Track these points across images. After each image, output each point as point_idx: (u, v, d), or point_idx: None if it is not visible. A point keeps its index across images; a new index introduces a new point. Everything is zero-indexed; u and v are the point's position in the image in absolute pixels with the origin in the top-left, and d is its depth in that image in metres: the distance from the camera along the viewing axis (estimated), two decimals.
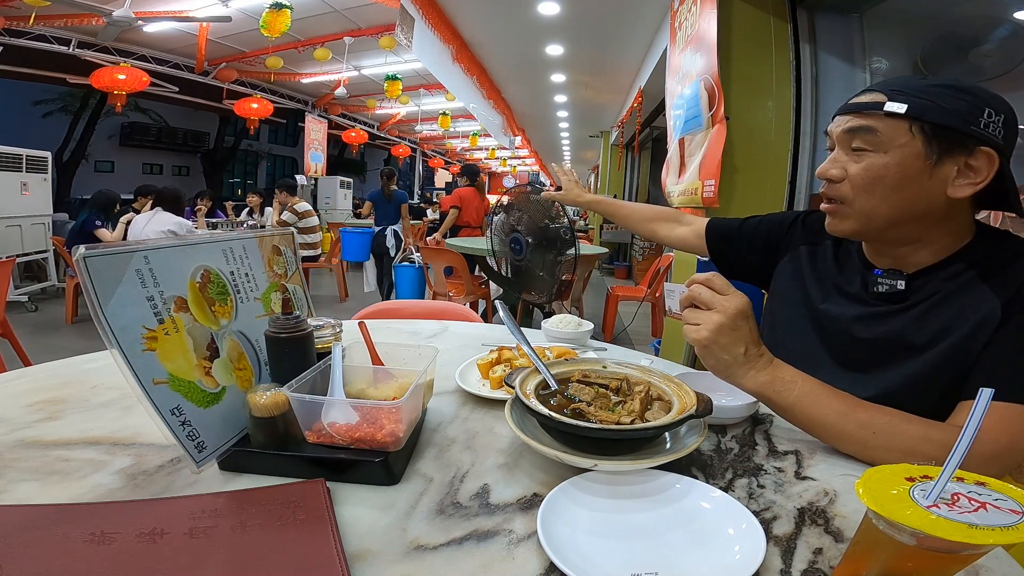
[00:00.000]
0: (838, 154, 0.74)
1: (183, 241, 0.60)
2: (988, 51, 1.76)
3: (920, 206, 0.70)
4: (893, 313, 0.75)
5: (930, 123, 0.66)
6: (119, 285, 0.51)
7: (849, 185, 0.72)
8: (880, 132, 0.68)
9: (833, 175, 0.73)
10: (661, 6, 3.68)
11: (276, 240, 0.77)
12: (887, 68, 2.19)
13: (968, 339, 0.67)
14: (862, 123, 0.70)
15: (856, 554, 0.40)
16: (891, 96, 0.68)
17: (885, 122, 0.68)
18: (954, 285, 0.71)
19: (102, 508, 0.50)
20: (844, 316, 0.79)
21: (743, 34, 2.27)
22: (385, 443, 0.56)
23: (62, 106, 14.95)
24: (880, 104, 0.68)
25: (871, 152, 0.70)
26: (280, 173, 20.47)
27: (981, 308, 0.67)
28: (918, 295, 0.74)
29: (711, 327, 0.63)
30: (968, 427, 0.37)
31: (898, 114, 0.67)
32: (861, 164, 0.71)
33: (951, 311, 0.69)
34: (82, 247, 0.48)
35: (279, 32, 4.65)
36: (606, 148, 9.57)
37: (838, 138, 0.74)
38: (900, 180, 0.68)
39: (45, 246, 5.34)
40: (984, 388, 0.38)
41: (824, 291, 0.85)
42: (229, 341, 0.63)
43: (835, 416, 0.63)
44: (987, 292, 0.67)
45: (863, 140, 0.70)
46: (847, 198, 0.73)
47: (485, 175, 21.21)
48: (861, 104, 0.71)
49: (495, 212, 2.90)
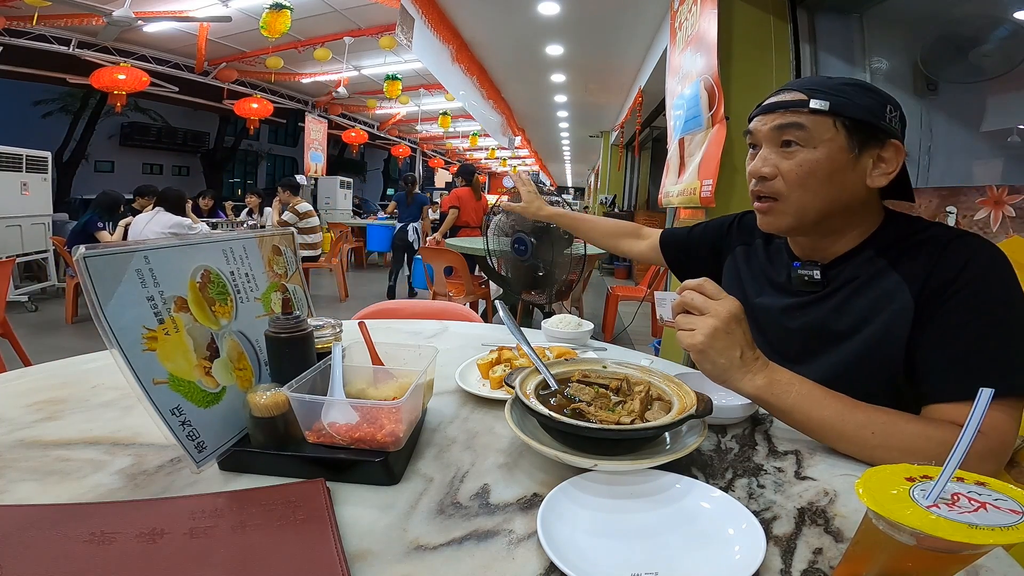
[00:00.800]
0: (766, 152, 0.76)
1: (183, 241, 0.60)
2: (988, 51, 1.76)
3: (845, 197, 0.74)
4: (814, 302, 0.79)
5: (850, 118, 0.71)
6: (119, 285, 0.51)
7: (782, 181, 0.75)
8: (808, 128, 0.72)
9: (765, 172, 0.75)
10: (661, 6, 3.68)
11: (276, 240, 0.77)
12: (887, 68, 2.19)
13: (886, 328, 0.70)
14: (791, 119, 0.73)
15: (856, 554, 0.40)
16: (811, 94, 0.72)
17: (811, 118, 0.72)
18: (869, 272, 0.75)
19: (102, 508, 0.50)
20: (775, 307, 0.84)
21: (743, 34, 2.27)
22: (385, 443, 0.56)
23: (62, 106, 14.97)
24: (804, 102, 0.72)
25: (801, 147, 0.73)
26: (280, 173, 20.50)
27: (895, 297, 0.70)
28: (835, 283, 0.78)
29: (706, 332, 0.64)
30: (968, 427, 0.37)
31: (822, 111, 0.71)
32: (793, 160, 0.73)
33: (867, 300, 0.73)
34: (82, 247, 0.47)
35: (279, 33, 4.65)
36: (606, 148, 9.57)
37: (765, 136, 0.76)
38: (829, 173, 0.72)
39: (45, 246, 5.34)
40: (984, 388, 0.38)
41: (758, 286, 0.90)
42: (229, 341, 0.63)
43: (833, 417, 0.63)
44: (898, 281, 0.71)
45: (793, 135, 0.73)
46: (781, 194, 0.75)
47: (485, 175, 21.27)
48: (785, 102, 0.74)
49: (494, 212, 2.90)
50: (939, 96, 1.99)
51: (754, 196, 0.80)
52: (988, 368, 0.62)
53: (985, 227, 1.30)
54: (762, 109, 0.78)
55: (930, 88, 2.00)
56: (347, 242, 6.91)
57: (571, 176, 23.54)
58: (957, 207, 1.37)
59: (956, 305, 0.65)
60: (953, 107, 1.95)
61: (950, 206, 1.39)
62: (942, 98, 1.98)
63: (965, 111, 1.89)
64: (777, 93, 0.77)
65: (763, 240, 0.93)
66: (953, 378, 0.64)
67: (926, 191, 1.50)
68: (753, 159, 0.79)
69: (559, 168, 20.99)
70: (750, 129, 0.80)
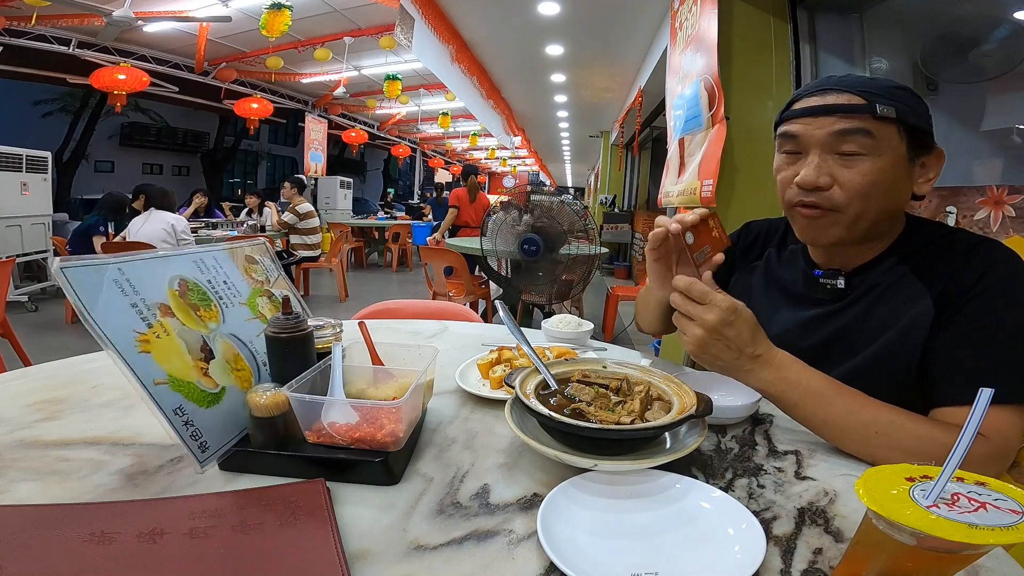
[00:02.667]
0: (819, 160, 0.69)
1: (153, 254, 0.60)
2: (988, 51, 1.76)
3: (895, 207, 0.72)
4: (837, 311, 0.77)
5: (912, 126, 0.68)
6: (100, 293, 0.51)
7: (842, 192, 0.69)
8: (875, 135, 0.67)
9: (823, 183, 0.69)
10: (661, 6, 3.68)
11: (248, 250, 0.76)
12: (887, 68, 2.19)
13: (905, 334, 0.69)
14: (856, 125, 0.67)
15: (856, 554, 0.40)
16: (872, 98, 0.67)
17: (877, 125, 0.67)
18: (890, 279, 0.73)
19: (102, 508, 0.50)
20: (794, 327, 0.80)
21: (743, 34, 2.27)
22: (385, 443, 0.56)
23: (62, 106, 14.97)
24: (866, 106, 0.67)
25: (865, 156, 0.67)
26: (280, 173, 20.52)
27: (916, 303, 0.69)
28: (858, 291, 0.75)
29: (694, 341, 0.64)
30: (968, 427, 0.37)
31: (889, 117, 0.66)
32: (855, 169, 0.68)
33: (888, 307, 0.71)
34: (57, 259, 0.49)
35: (279, 33, 4.65)
36: (606, 148, 9.57)
37: (820, 142, 0.69)
38: (892, 183, 0.69)
39: (45, 246, 5.34)
40: (984, 388, 0.38)
41: (773, 306, 0.85)
42: (223, 343, 0.63)
43: (839, 415, 0.63)
44: (919, 287, 0.69)
45: (859, 143, 0.67)
46: (840, 205, 0.69)
47: (485, 175, 21.25)
48: (844, 106, 0.68)
49: (494, 211, 2.90)
50: (939, 96, 1.99)
51: (796, 205, 0.73)
52: (999, 372, 0.62)
53: (985, 227, 1.30)
54: (810, 111, 0.70)
55: (930, 88, 2.00)
56: (347, 242, 6.91)
57: (571, 176, 23.55)
58: (957, 207, 1.37)
59: (973, 309, 0.65)
60: (953, 107, 1.94)
61: (950, 206, 1.39)
62: (942, 98, 1.98)
63: (965, 111, 1.89)
64: (820, 93, 0.70)
65: (777, 246, 0.90)
66: (964, 381, 0.63)
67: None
68: (791, 164, 0.73)
69: (559, 168, 20.99)
70: (793, 133, 0.72)
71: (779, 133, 0.76)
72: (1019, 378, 0.61)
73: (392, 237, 8.13)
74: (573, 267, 2.74)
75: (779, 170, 0.76)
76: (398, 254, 8.03)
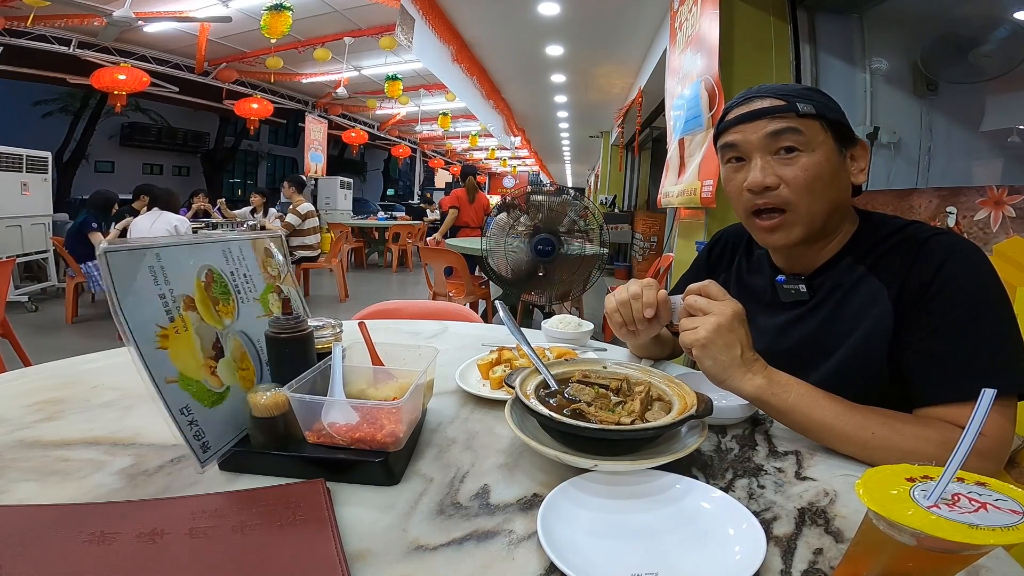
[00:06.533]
0: (762, 162, 0.73)
1: (189, 239, 0.61)
2: (988, 51, 1.76)
3: (842, 198, 0.74)
4: (804, 316, 0.78)
5: (831, 120, 0.71)
6: (135, 281, 0.52)
7: (788, 189, 0.72)
8: (804, 131, 0.71)
9: (769, 183, 0.72)
10: (661, 6, 3.68)
11: (267, 243, 0.77)
12: (887, 68, 2.19)
13: (870, 333, 0.70)
14: (786, 124, 0.71)
15: (856, 554, 0.40)
16: (790, 99, 0.71)
17: (803, 122, 0.71)
18: (851, 279, 0.74)
19: (102, 508, 0.50)
20: (770, 332, 0.81)
21: (743, 34, 2.28)
22: (385, 443, 0.56)
23: (62, 106, 14.97)
24: (789, 106, 0.71)
25: (801, 152, 0.71)
26: (280, 173, 20.52)
27: (875, 303, 0.70)
28: (821, 292, 0.77)
29: (709, 328, 0.64)
30: (970, 427, 0.37)
31: (811, 114, 0.71)
32: (796, 165, 0.71)
33: (852, 307, 0.73)
34: (104, 242, 0.50)
35: (280, 34, 4.65)
36: (606, 149, 9.57)
37: (757, 145, 0.73)
38: (832, 174, 0.72)
39: (45, 246, 5.34)
40: (986, 388, 0.38)
41: (750, 312, 0.84)
42: (233, 341, 0.63)
43: (833, 418, 0.63)
44: (878, 285, 0.71)
45: (792, 140, 0.71)
46: (789, 203, 0.72)
47: (485, 175, 21.25)
48: (770, 108, 0.72)
49: (496, 212, 2.90)
50: (939, 96, 1.99)
51: (753, 211, 0.75)
52: (976, 369, 0.62)
53: (985, 227, 1.30)
54: (741, 118, 0.74)
55: (930, 88, 2.00)
56: (347, 242, 6.91)
57: (571, 176, 23.56)
58: (957, 207, 1.37)
59: (936, 307, 0.65)
60: (953, 107, 1.95)
61: (950, 206, 1.39)
62: (942, 98, 1.98)
63: (965, 111, 1.89)
64: (746, 102, 0.75)
65: (744, 253, 0.92)
66: (942, 381, 0.64)
67: (926, 191, 1.50)
68: (738, 172, 0.76)
69: (559, 168, 21.00)
70: (732, 141, 0.75)
71: (720, 145, 0.79)
72: (997, 371, 0.62)
73: (392, 237, 8.14)
74: (583, 266, 2.73)
75: (728, 180, 0.79)
76: (398, 254, 8.04)
